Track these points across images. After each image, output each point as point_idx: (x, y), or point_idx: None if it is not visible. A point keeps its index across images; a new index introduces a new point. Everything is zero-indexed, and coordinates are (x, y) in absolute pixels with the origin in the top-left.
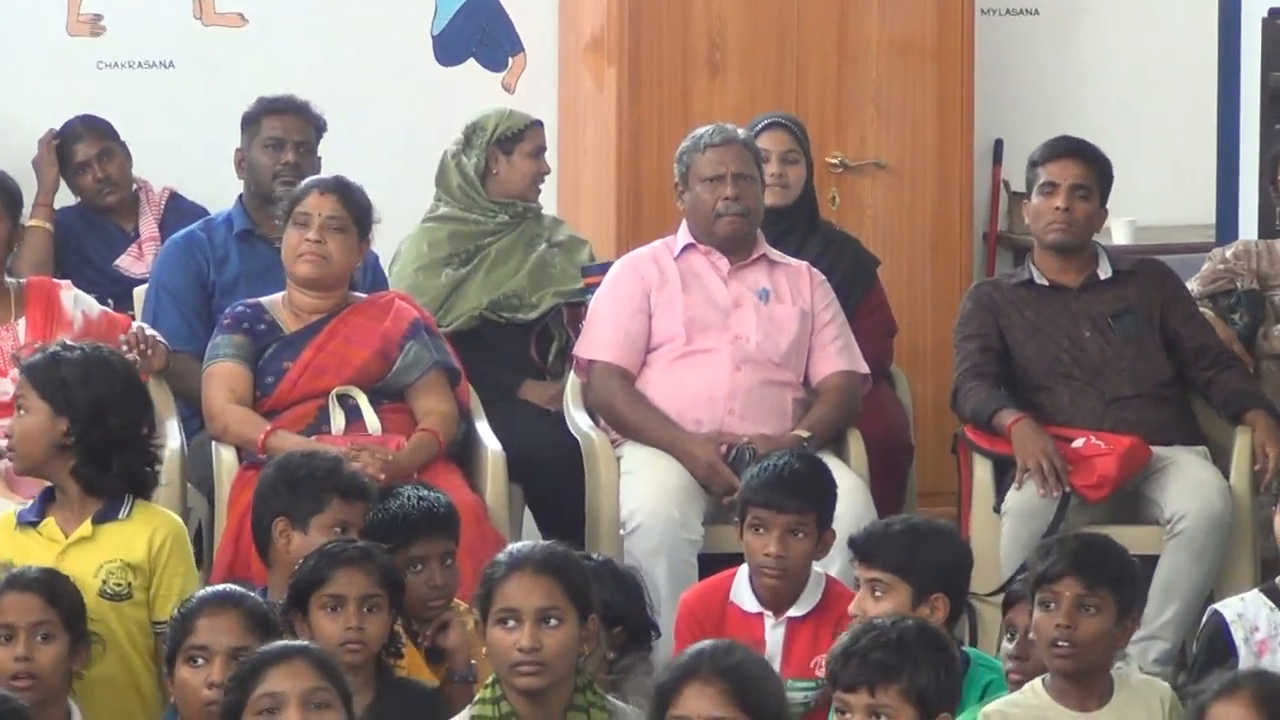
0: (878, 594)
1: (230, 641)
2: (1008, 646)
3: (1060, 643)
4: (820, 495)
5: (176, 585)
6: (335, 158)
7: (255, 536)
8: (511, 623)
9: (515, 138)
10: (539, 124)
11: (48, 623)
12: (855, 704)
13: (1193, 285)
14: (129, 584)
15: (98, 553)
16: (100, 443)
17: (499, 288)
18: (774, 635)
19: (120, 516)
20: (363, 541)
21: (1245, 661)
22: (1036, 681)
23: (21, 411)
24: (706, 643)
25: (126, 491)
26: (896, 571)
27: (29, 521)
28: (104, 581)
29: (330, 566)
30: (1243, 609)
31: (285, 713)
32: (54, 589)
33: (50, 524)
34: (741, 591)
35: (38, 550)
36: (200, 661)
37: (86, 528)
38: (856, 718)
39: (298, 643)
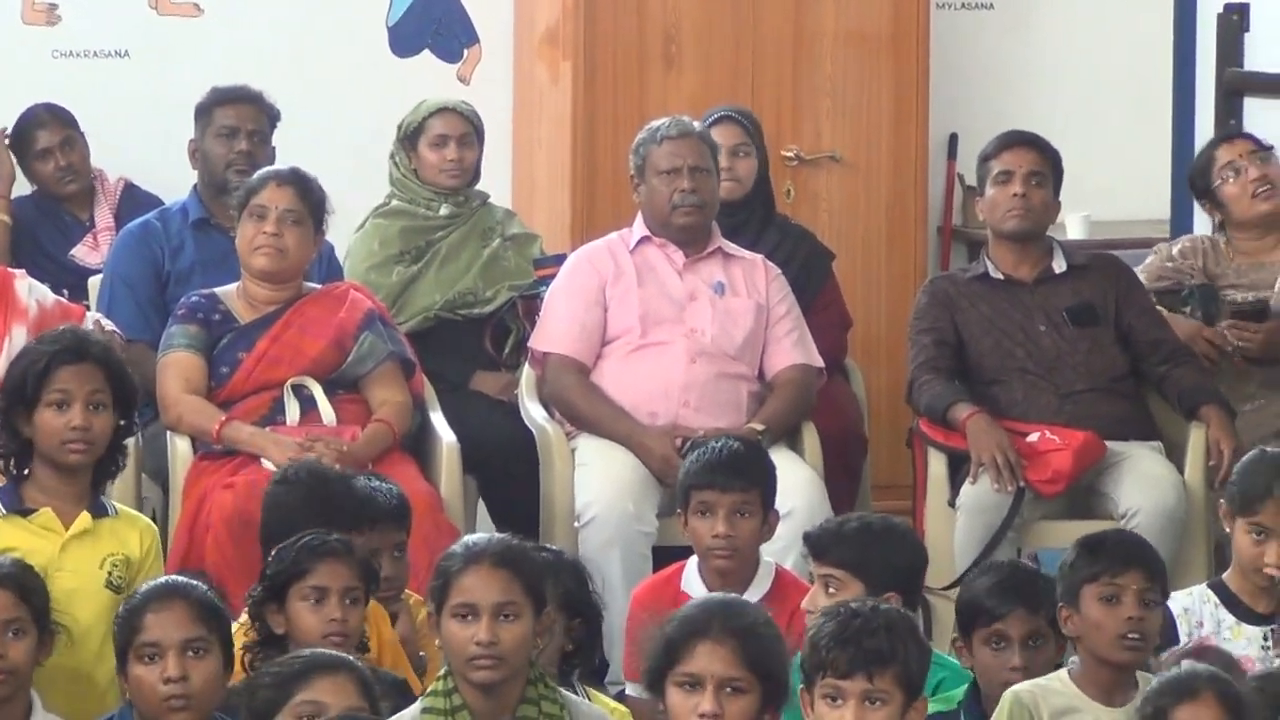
0: (831, 590)
1: (181, 634)
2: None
3: (1131, 635)
4: (762, 474)
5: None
6: (289, 148)
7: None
8: (469, 616)
9: (416, 132)
10: (443, 111)
11: (20, 619)
12: (851, 690)
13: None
14: (127, 578)
15: (100, 546)
16: (124, 434)
17: (452, 285)
18: None
19: (111, 514)
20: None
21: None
22: (1063, 672)
23: (100, 408)
24: (715, 599)
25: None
26: (850, 569)
27: (15, 509)
28: (109, 573)
29: (313, 559)
30: (1189, 604)
31: None
32: (25, 584)
33: (47, 514)
34: (692, 581)
35: (37, 540)
36: (154, 658)
37: (86, 520)
38: (850, 703)
39: (343, 656)
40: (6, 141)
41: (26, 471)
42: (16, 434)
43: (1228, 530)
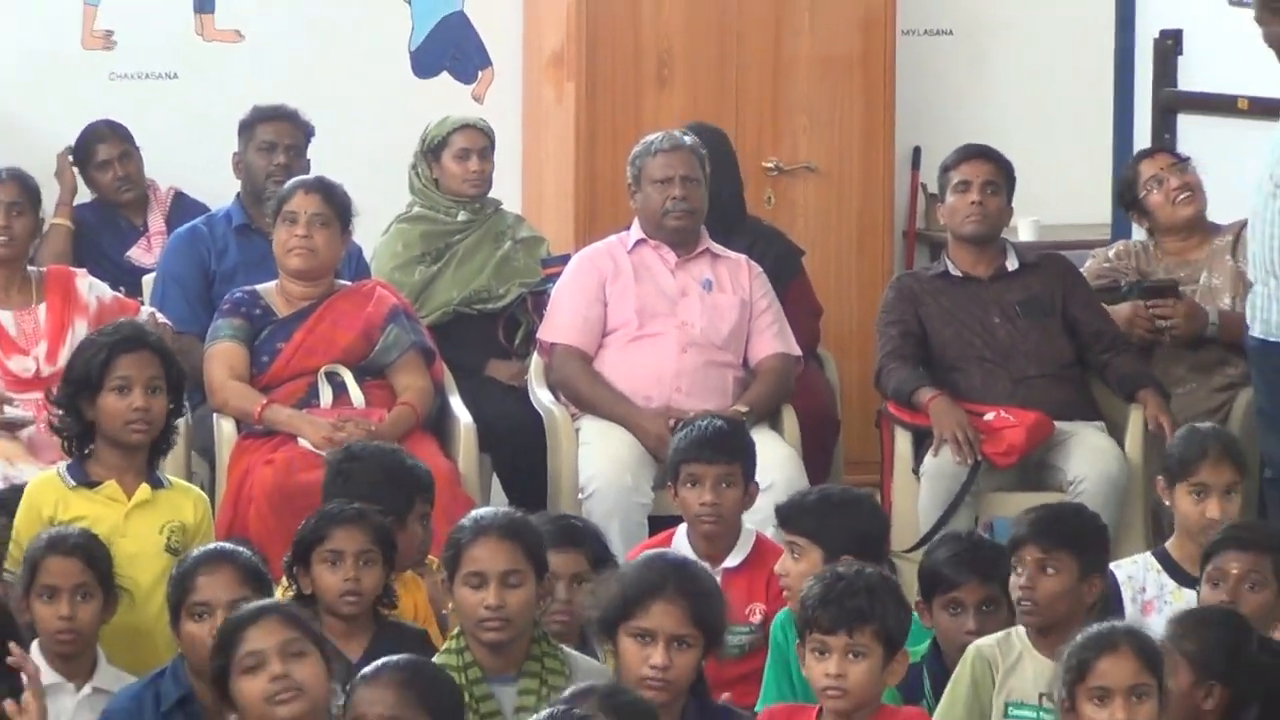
0: (795, 555)
1: (228, 595)
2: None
3: (1023, 601)
4: (743, 449)
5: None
6: (322, 160)
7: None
8: (478, 583)
9: (440, 145)
10: (466, 127)
11: (87, 583)
12: (835, 645)
13: None
14: (184, 543)
15: (159, 514)
16: (174, 415)
17: (468, 283)
18: None
19: (166, 485)
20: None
21: (1131, 620)
22: (1020, 628)
23: (157, 391)
24: (668, 560)
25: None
26: (809, 536)
27: (83, 482)
28: (167, 539)
29: (330, 525)
30: (1133, 571)
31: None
32: (92, 551)
33: (112, 486)
34: (682, 546)
35: (103, 509)
36: (203, 616)
37: (146, 491)
38: (835, 656)
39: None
40: (70, 159)
41: (89, 450)
42: (80, 416)
43: (1166, 503)
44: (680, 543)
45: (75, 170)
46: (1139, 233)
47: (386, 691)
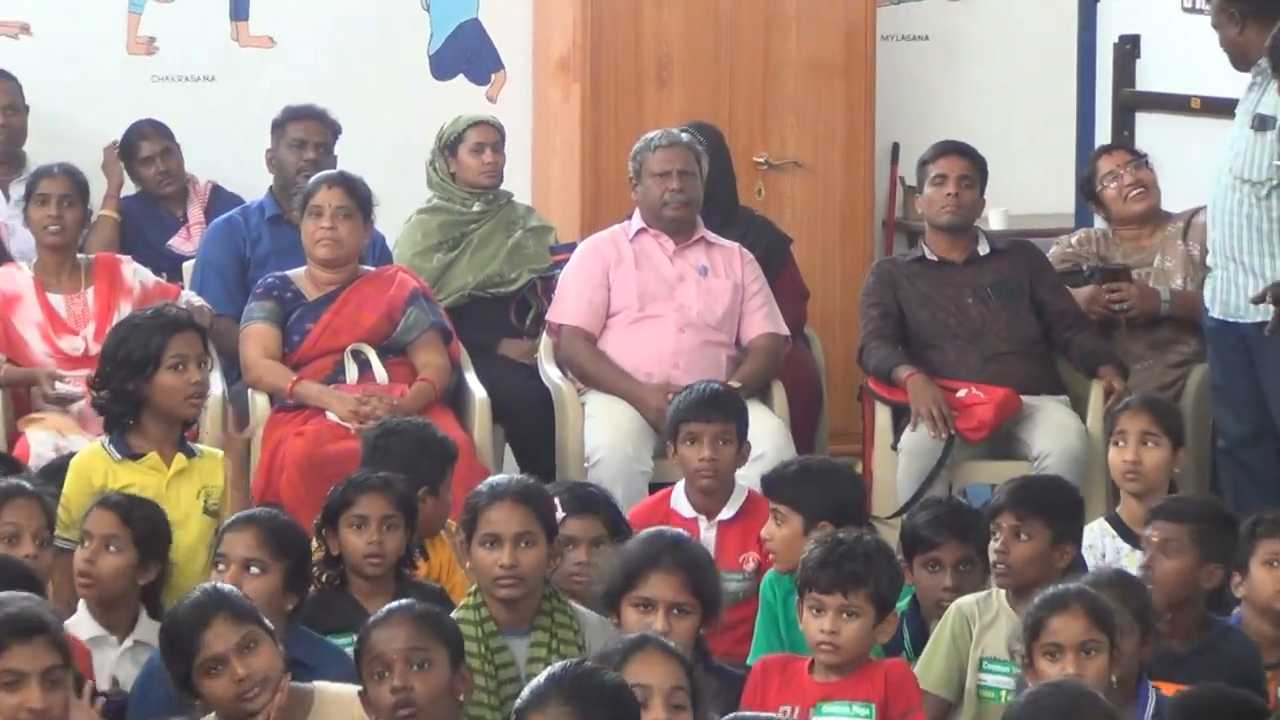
0: (778, 522)
1: (243, 553)
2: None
3: (999, 564)
4: (737, 409)
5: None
6: (348, 156)
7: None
8: (493, 544)
9: (455, 141)
10: (481, 124)
11: (118, 536)
12: (830, 604)
13: None
14: (220, 504)
15: (195, 480)
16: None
17: (483, 269)
18: (708, 536)
19: (197, 454)
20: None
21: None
22: (1000, 591)
23: (204, 365)
24: (665, 535)
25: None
26: (789, 503)
27: (127, 454)
28: (204, 502)
29: (356, 491)
30: (1092, 539)
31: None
32: (130, 511)
33: (154, 457)
34: (679, 501)
35: (147, 478)
36: (222, 566)
37: (183, 460)
38: (830, 614)
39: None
40: (117, 153)
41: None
42: (127, 396)
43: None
44: (679, 498)
45: (121, 165)
46: (1100, 221)
47: (402, 628)
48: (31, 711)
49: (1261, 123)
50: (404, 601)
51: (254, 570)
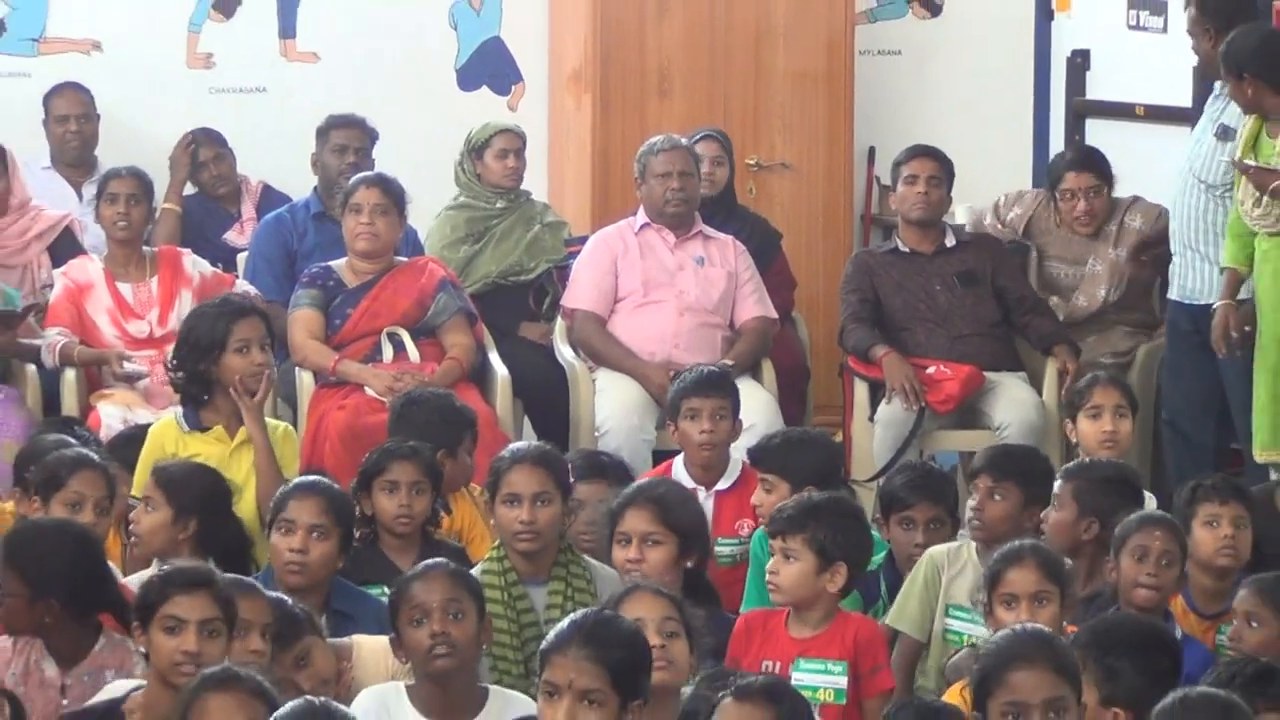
0: (767, 489)
1: (310, 519)
2: (916, 537)
3: (973, 520)
4: (732, 389)
5: (293, 474)
6: (384, 159)
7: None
8: (513, 503)
9: (482, 146)
10: (505, 131)
11: (152, 499)
12: (775, 547)
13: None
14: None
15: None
16: None
17: (504, 260)
18: (706, 506)
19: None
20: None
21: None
22: (970, 542)
23: (267, 348)
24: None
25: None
26: (776, 473)
27: (196, 427)
28: None
29: (389, 459)
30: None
31: None
32: (164, 475)
33: (219, 430)
34: (680, 473)
35: (213, 448)
36: (290, 531)
37: (244, 432)
38: (777, 556)
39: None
40: (190, 145)
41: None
42: (199, 376)
43: (1074, 439)
44: (679, 469)
45: (188, 160)
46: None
47: (441, 581)
48: (186, 654)
49: (1224, 132)
50: (439, 560)
51: (316, 536)
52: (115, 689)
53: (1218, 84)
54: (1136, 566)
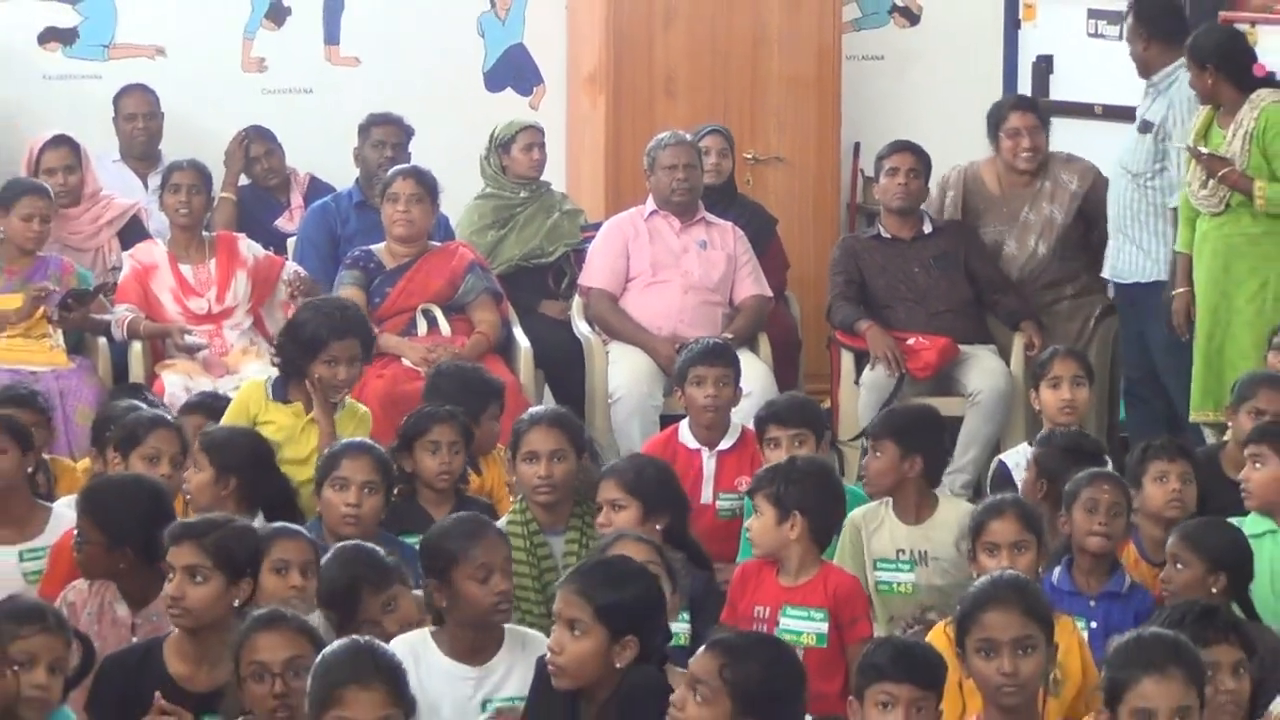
0: (770, 448)
1: (363, 477)
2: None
3: (861, 477)
4: (733, 358)
5: None
6: (419, 153)
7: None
8: (532, 460)
9: (508, 141)
10: (529, 128)
11: (198, 460)
12: (754, 505)
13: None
14: None
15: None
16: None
17: (527, 244)
18: (709, 464)
19: (340, 409)
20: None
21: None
22: (889, 500)
23: (357, 368)
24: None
25: None
26: (784, 425)
27: (281, 398)
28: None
29: (431, 421)
30: (1018, 459)
31: None
32: (211, 441)
33: (298, 405)
34: (685, 435)
35: (289, 419)
36: (343, 488)
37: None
38: (754, 512)
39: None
40: (245, 141)
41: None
42: (294, 361)
43: (1037, 407)
44: (684, 433)
45: (242, 154)
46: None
47: (501, 541)
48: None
49: (1145, 126)
50: (480, 517)
51: (368, 491)
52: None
53: (1147, 83)
54: (1088, 518)
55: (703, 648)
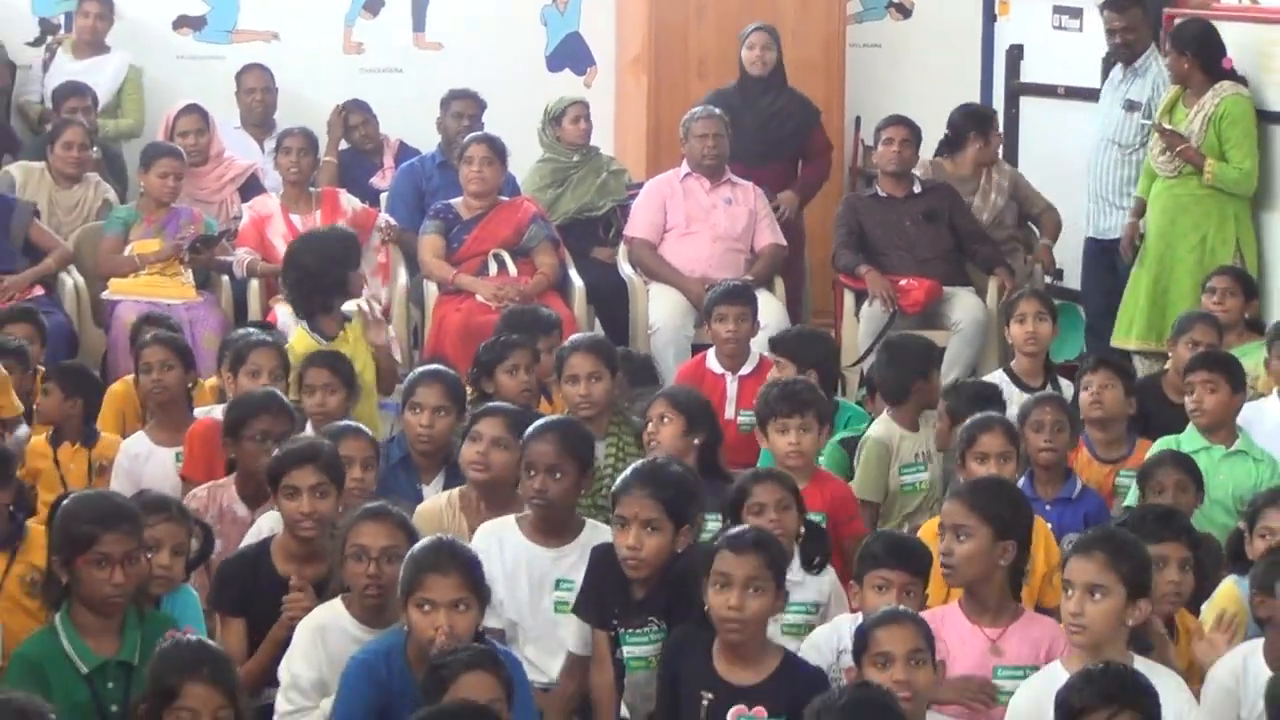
0: (779, 369)
1: (436, 402)
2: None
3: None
4: (752, 297)
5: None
6: (491, 123)
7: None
8: (573, 381)
9: (559, 115)
10: (576, 103)
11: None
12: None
13: None
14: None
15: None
16: None
17: (580, 200)
18: (732, 387)
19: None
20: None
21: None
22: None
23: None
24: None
25: None
26: (787, 355)
27: (323, 335)
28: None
29: (510, 349)
30: (994, 382)
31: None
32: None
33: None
34: (712, 361)
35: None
36: (419, 410)
37: (351, 330)
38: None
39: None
40: (343, 114)
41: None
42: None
43: (1009, 340)
44: (711, 359)
45: (341, 126)
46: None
47: (551, 440)
48: (301, 514)
49: (1130, 105)
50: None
51: (440, 414)
52: (263, 530)
53: (1116, 68)
54: (1037, 436)
55: None
